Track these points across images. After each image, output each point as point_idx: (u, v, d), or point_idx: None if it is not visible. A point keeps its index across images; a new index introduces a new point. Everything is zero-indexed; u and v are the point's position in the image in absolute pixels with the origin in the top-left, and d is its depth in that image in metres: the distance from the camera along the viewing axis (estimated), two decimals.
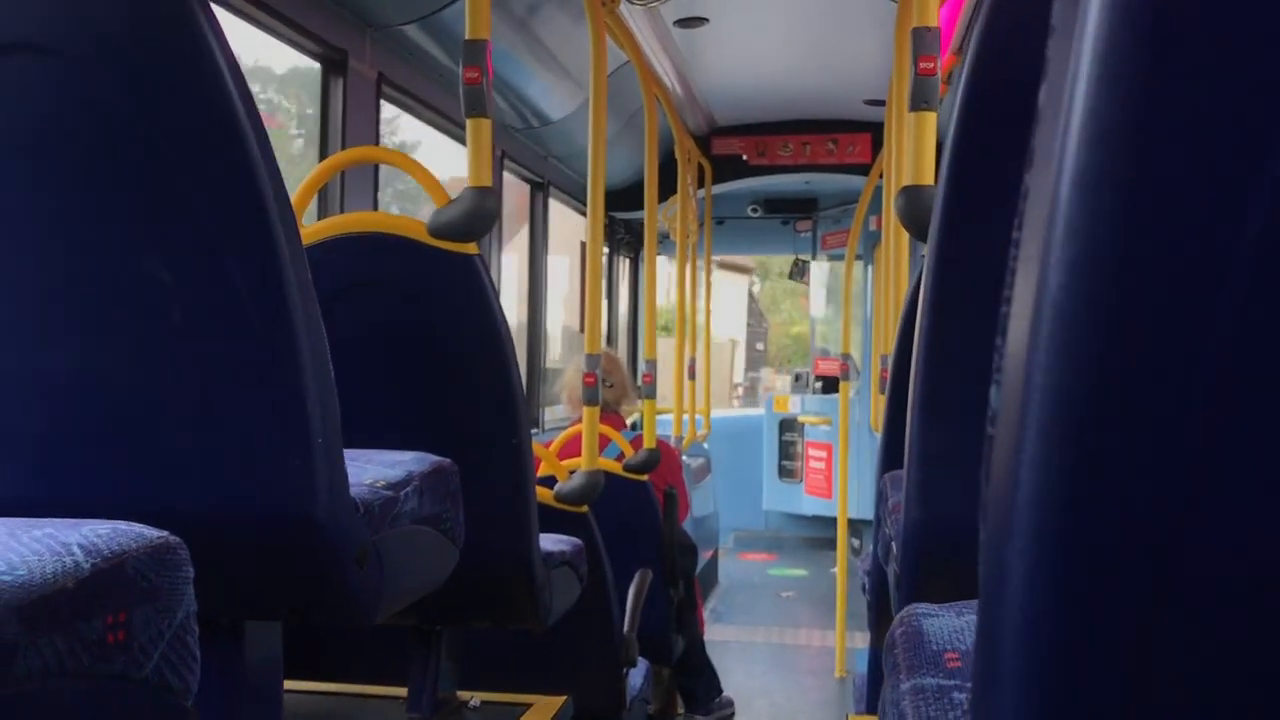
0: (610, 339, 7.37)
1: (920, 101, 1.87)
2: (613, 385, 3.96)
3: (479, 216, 1.85)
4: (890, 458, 1.80)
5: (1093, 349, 0.35)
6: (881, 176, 4.11)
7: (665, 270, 8.46)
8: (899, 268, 3.22)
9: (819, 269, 8.04)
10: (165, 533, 0.88)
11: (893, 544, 1.38)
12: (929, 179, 1.82)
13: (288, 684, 1.61)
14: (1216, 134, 0.34)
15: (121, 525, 0.86)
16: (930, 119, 1.87)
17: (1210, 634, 0.36)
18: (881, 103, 4.82)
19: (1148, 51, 0.34)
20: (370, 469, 1.42)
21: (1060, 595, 0.36)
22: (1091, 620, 0.37)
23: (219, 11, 2.78)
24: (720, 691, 4.31)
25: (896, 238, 3.24)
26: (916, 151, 1.87)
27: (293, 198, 1.85)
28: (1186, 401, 0.35)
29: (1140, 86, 0.34)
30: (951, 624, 0.72)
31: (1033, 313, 0.37)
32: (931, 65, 1.85)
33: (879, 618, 1.91)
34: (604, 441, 3.66)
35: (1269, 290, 0.33)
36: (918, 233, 1.74)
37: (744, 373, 17.18)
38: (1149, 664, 0.36)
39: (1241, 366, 0.34)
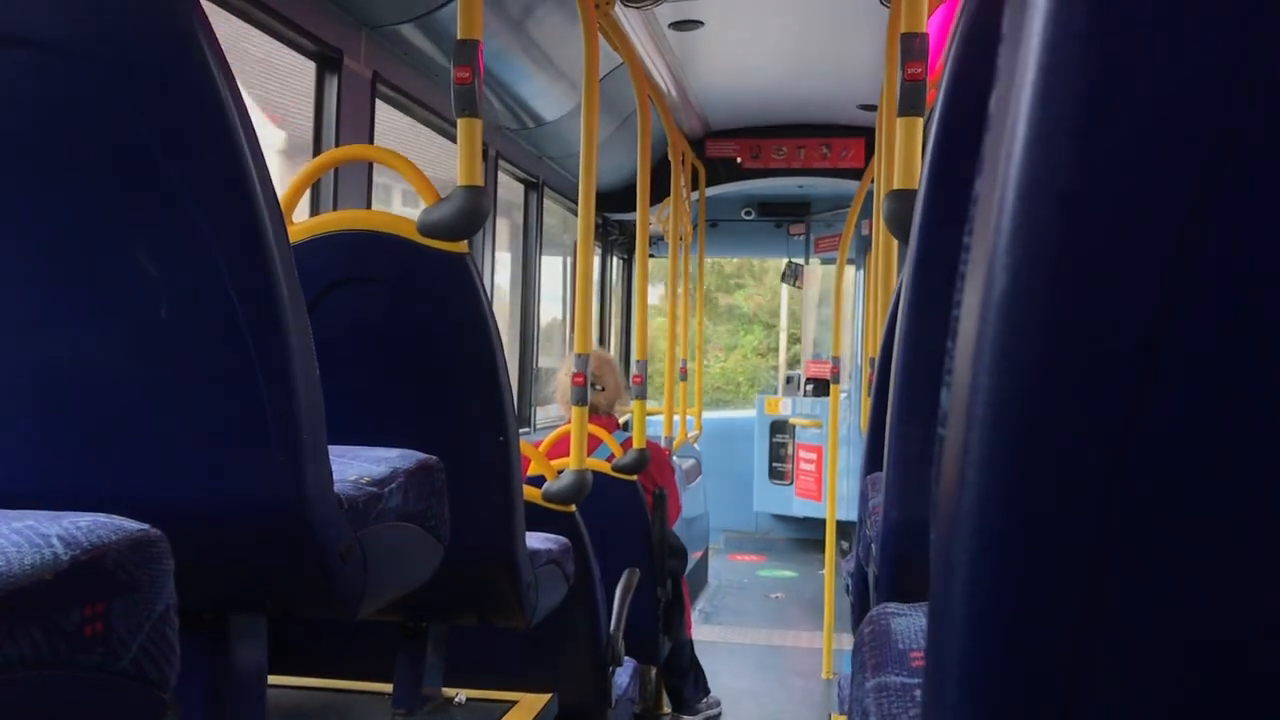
0: (602, 340, 7.38)
1: (908, 107, 1.89)
2: (604, 389, 3.96)
3: (469, 215, 1.86)
4: (874, 460, 1.81)
5: (1034, 352, 0.36)
6: (873, 181, 4.12)
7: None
8: (888, 271, 3.24)
9: (812, 272, 8.06)
10: (146, 525, 0.89)
11: (873, 545, 1.39)
12: (916, 184, 1.84)
13: (272, 679, 1.61)
14: (1157, 143, 0.35)
15: (102, 518, 0.87)
16: (917, 124, 1.88)
17: (1146, 631, 0.37)
18: (875, 108, 4.83)
19: (1088, 61, 0.35)
20: (355, 465, 1.42)
21: (1001, 595, 0.37)
22: (1032, 620, 0.38)
23: (215, 10, 2.79)
24: (708, 692, 4.32)
25: (886, 242, 3.26)
26: (904, 156, 1.88)
27: (282, 195, 1.86)
28: (1124, 404, 0.36)
29: (1080, 95, 0.35)
30: (918, 624, 0.73)
31: (979, 316, 0.38)
32: (919, 71, 1.86)
33: (860, 618, 1.92)
34: (595, 443, 3.67)
35: (1201, 293, 0.34)
36: (903, 236, 1.75)
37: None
38: (1089, 665, 0.37)
39: (1178, 368, 0.35)
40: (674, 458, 5.35)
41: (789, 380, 8.17)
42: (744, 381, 15.48)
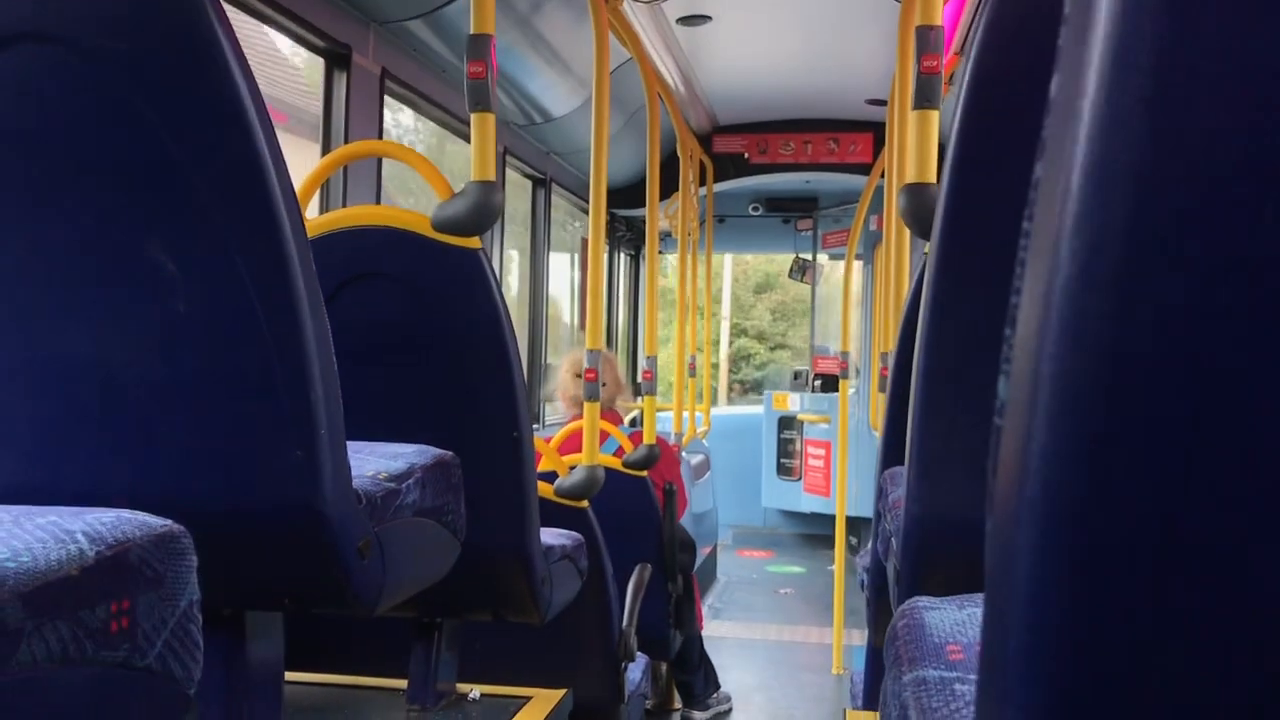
0: (611, 336, 7.38)
1: (923, 100, 1.88)
2: (605, 384, 3.96)
3: (482, 211, 1.85)
4: (891, 454, 1.80)
5: (1103, 339, 0.35)
6: (883, 176, 4.11)
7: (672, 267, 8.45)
8: (899, 267, 3.23)
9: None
10: (169, 521, 0.88)
11: (892, 540, 1.38)
12: (931, 177, 1.83)
13: (288, 675, 1.61)
14: (1232, 124, 0.34)
15: (126, 513, 0.86)
16: (933, 117, 1.88)
17: (1214, 621, 0.36)
18: (883, 102, 4.82)
19: (1163, 41, 0.34)
20: (373, 461, 1.42)
21: (1068, 584, 0.37)
22: (1099, 608, 0.37)
23: (227, 7, 2.79)
24: (718, 687, 4.32)
25: (898, 236, 3.24)
26: (919, 149, 1.87)
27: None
28: (1195, 393, 0.35)
29: (1154, 76, 0.34)
30: (953, 617, 0.72)
31: (1043, 303, 0.37)
32: (935, 64, 1.85)
33: (878, 613, 1.92)
34: (603, 437, 3.67)
35: (1277, 274, 0.34)
36: (920, 230, 1.75)
37: None
38: (1158, 651, 0.37)
39: (1250, 358, 0.35)
40: (683, 453, 5.35)
41: (796, 376, 8.17)
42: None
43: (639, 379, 4.06)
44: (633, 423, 5.49)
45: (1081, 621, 0.37)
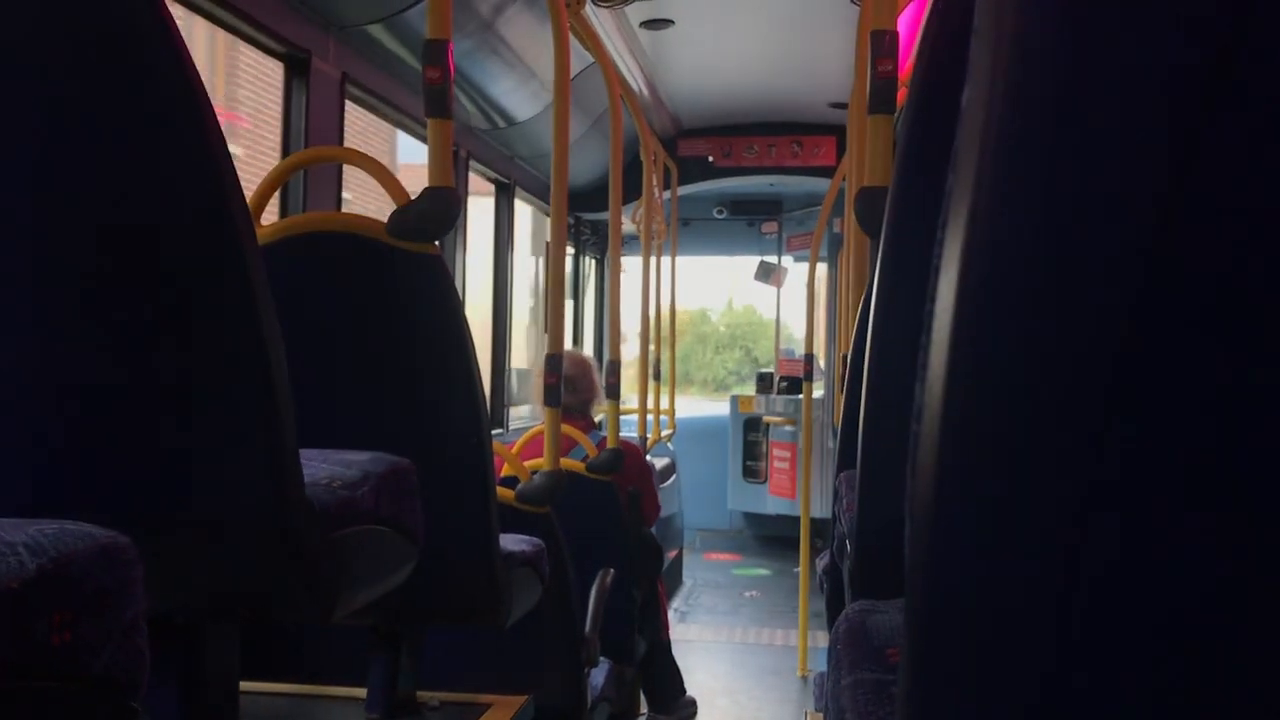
0: (576, 339, 7.37)
1: (878, 104, 1.89)
2: (575, 389, 3.95)
3: (439, 216, 1.85)
4: (846, 457, 1.81)
5: (1007, 346, 0.36)
6: (845, 179, 4.13)
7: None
8: (860, 269, 3.25)
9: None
10: (114, 532, 0.87)
11: (846, 542, 1.39)
12: (887, 181, 1.84)
13: (245, 684, 1.60)
14: (1124, 139, 0.35)
15: (69, 525, 0.85)
16: (888, 122, 1.89)
17: (1121, 626, 0.37)
18: (845, 106, 4.85)
19: (1064, 54, 0.35)
20: (327, 469, 1.41)
21: (975, 587, 0.37)
22: (1010, 606, 0.38)
23: (183, 11, 2.77)
24: (684, 692, 4.33)
25: (857, 239, 3.27)
26: (875, 154, 1.88)
27: (250, 197, 1.84)
28: (1098, 398, 0.36)
29: (1051, 91, 0.35)
30: (894, 621, 0.73)
31: (952, 311, 0.38)
32: (889, 68, 1.87)
33: (836, 615, 1.93)
34: (571, 444, 3.66)
35: (1173, 288, 0.34)
36: (874, 234, 1.76)
37: None
38: (1064, 653, 0.37)
39: (1154, 362, 0.36)
40: (648, 458, 5.35)
41: (762, 378, 8.20)
42: None
43: (604, 382, 4.06)
44: (601, 427, 5.49)
45: (992, 619, 0.37)
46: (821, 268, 6.82)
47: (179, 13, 2.77)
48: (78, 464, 1.18)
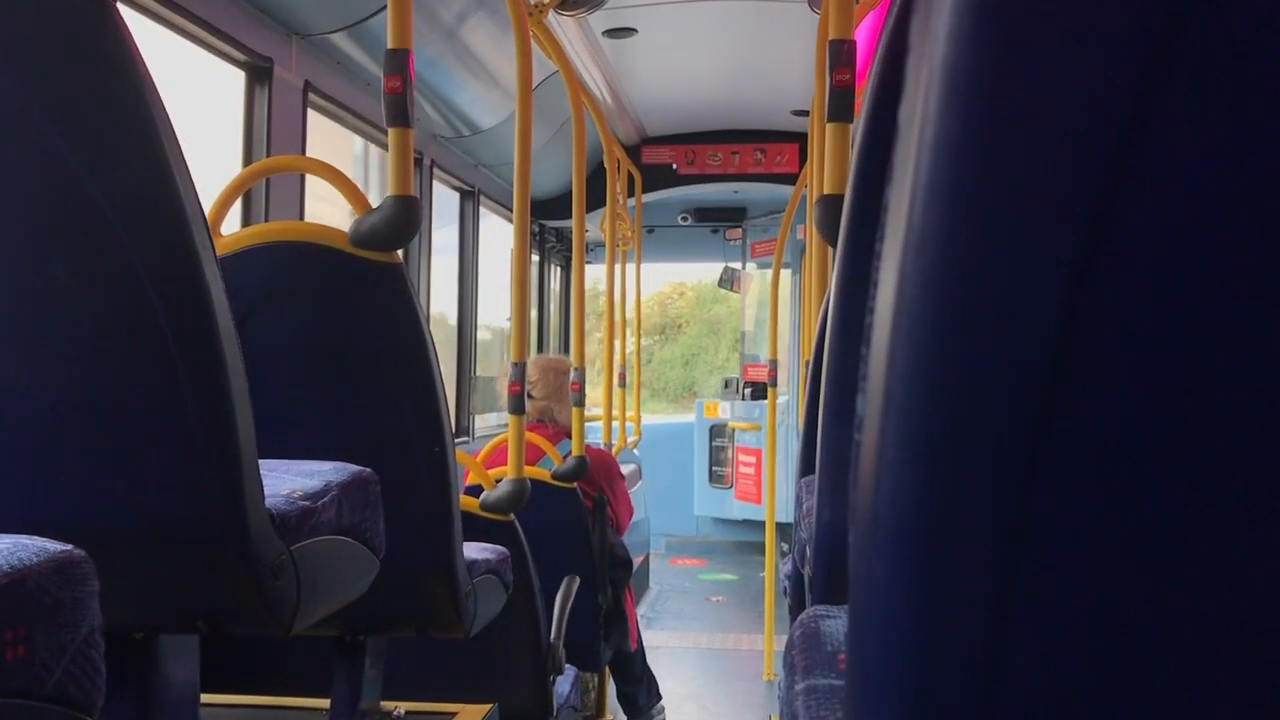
0: (541, 346, 7.37)
1: (837, 112, 1.91)
2: (540, 396, 3.95)
3: (401, 225, 1.84)
4: (808, 462, 1.82)
5: (944, 357, 0.37)
6: (807, 186, 4.16)
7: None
8: (822, 276, 3.27)
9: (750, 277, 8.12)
10: (69, 546, 0.87)
11: (807, 547, 1.40)
12: (845, 188, 1.86)
13: (206, 697, 1.59)
14: (1056, 151, 0.36)
15: (24, 539, 0.85)
16: (846, 130, 1.91)
17: (1059, 636, 0.38)
18: (808, 113, 4.88)
19: (990, 70, 0.36)
20: (288, 480, 1.41)
21: (913, 598, 0.38)
22: (947, 621, 0.38)
23: (143, 19, 2.74)
24: (660, 698, 4.33)
25: (819, 246, 3.29)
26: (834, 162, 1.90)
27: (210, 207, 1.83)
28: (1034, 408, 0.37)
29: (983, 102, 0.36)
30: (847, 626, 0.74)
31: (890, 323, 0.38)
32: (847, 77, 1.89)
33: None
34: (540, 453, 3.66)
35: (1109, 296, 0.35)
36: (834, 241, 1.77)
37: None
38: (1000, 664, 0.38)
39: (1088, 371, 0.36)
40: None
41: (727, 384, 8.23)
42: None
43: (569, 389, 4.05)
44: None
45: (929, 629, 0.38)
46: (786, 274, 6.86)
47: (132, 17, 2.75)
48: (31, 477, 1.17)
